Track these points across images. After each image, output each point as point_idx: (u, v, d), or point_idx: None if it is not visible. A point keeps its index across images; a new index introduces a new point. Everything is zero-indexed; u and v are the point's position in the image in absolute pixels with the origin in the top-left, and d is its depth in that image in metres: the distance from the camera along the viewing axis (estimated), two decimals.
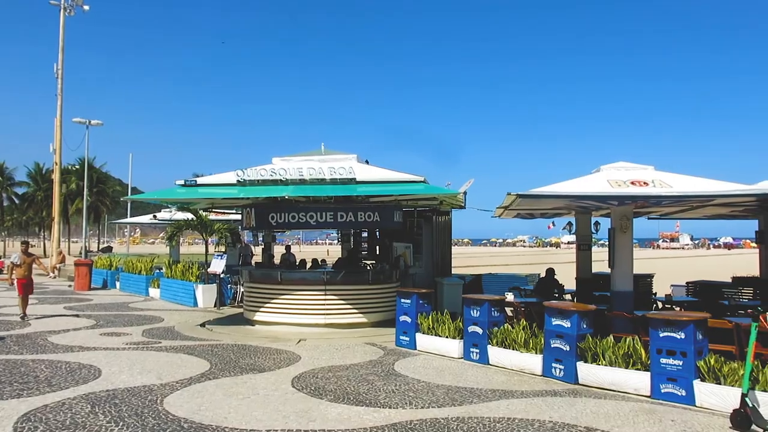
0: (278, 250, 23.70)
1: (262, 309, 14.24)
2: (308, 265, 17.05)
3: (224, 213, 23.29)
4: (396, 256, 15.93)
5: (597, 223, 14.18)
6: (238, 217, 19.51)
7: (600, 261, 14.31)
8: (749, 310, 7.28)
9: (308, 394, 8.23)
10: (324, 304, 13.78)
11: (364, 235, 19.11)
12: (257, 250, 24.48)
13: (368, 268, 15.86)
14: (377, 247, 18.40)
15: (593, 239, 15.69)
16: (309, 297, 13.82)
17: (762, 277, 14.34)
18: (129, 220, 41.50)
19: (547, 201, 10.96)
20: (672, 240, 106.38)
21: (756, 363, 7.44)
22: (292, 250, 20.76)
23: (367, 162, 14.99)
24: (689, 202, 10.82)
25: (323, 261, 19.36)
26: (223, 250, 21.95)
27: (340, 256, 19.01)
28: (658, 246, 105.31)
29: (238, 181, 13.28)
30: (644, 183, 9.58)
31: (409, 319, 11.85)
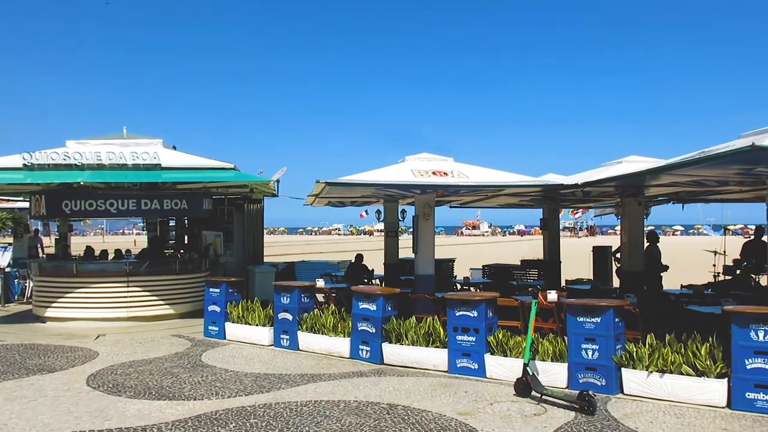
0: (80, 241, 22.05)
1: (54, 304, 13.18)
2: (110, 255, 16.06)
3: (9, 201, 21.14)
4: (205, 244, 15.53)
5: (404, 211, 14.87)
6: (26, 204, 17.83)
7: (406, 247, 15.01)
8: (530, 289, 8.06)
9: (105, 391, 7.79)
10: (126, 297, 13.08)
11: (172, 223, 18.40)
12: (51, 241, 22.53)
13: (176, 257, 15.30)
14: (186, 236, 17.80)
15: (402, 227, 16.42)
16: (109, 289, 13.04)
17: (546, 259, 15.93)
18: None
19: (355, 189, 11.29)
20: (474, 228, 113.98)
21: (536, 336, 8.29)
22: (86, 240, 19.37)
23: (174, 147, 14.43)
24: (484, 192, 11.70)
25: (128, 251, 18.32)
26: (9, 241, 19.95)
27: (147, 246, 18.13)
28: (462, 233, 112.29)
29: (24, 165, 12.14)
30: (444, 173, 10.21)
31: (218, 309, 11.64)
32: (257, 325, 11.01)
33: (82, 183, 12.31)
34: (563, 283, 14.74)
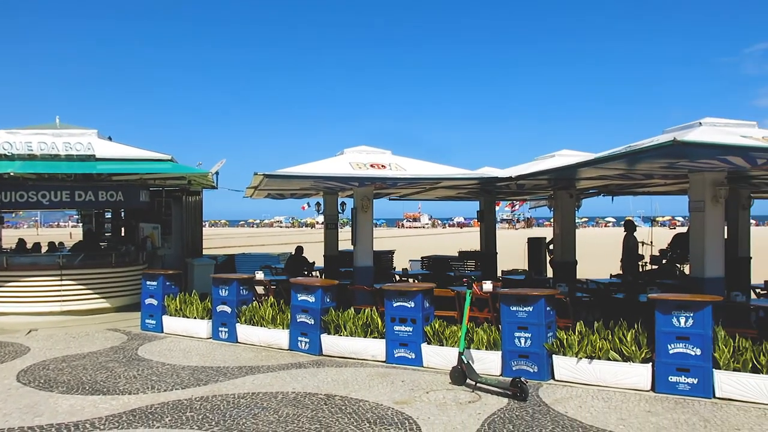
0: (12, 234, 21.25)
1: None
2: (44, 248, 15.62)
3: None
4: (143, 237, 15.25)
5: (343, 204, 14.92)
6: None
7: (346, 239, 15.07)
8: (464, 280, 8.26)
9: (36, 387, 7.62)
10: (60, 291, 12.74)
11: (108, 215, 17.97)
12: None
13: (112, 250, 14.98)
14: (122, 229, 17.42)
15: (343, 219, 16.46)
16: (42, 283, 12.67)
17: (482, 251, 16.27)
18: None
19: (294, 181, 11.29)
20: (415, 220, 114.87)
21: (471, 325, 8.51)
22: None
23: (110, 138, 14.10)
24: (421, 184, 11.87)
25: (61, 244, 17.81)
26: None
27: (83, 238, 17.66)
28: (403, 225, 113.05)
29: None
30: (382, 166, 10.31)
31: (155, 302, 11.48)
32: (195, 318, 10.92)
33: (12, 174, 11.91)
34: (499, 274, 15.11)
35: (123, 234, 17.13)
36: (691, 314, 7.20)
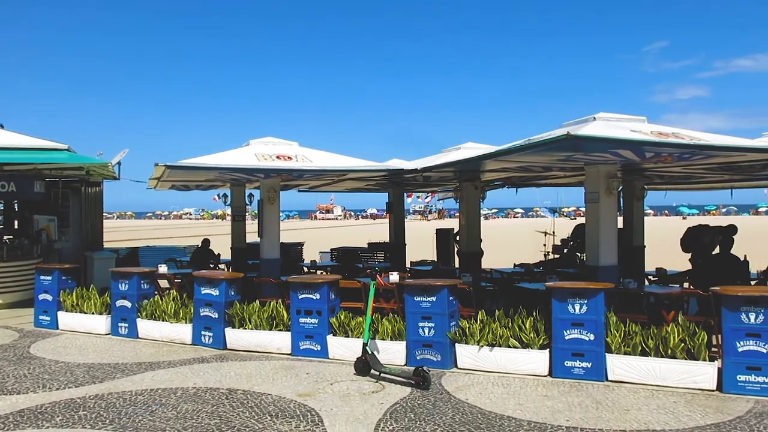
0: None
1: None
2: None
3: None
4: (37, 229, 14.49)
5: (251, 195, 14.68)
6: None
7: (254, 232, 14.83)
8: (368, 271, 8.29)
9: None
10: None
11: (0, 207, 16.95)
12: None
13: (4, 243, 14.15)
14: (15, 221, 16.46)
15: (255, 211, 16.14)
16: None
17: (391, 242, 16.40)
18: None
19: (198, 173, 11.01)
20: (328, 211, 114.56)
21: (377, 316, 8.56)
22: None
23: (1, 127, 13.32)
24: (329, 176, 11.83)
25: None
26: None
27: None
28: (316, 217, 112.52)
29: None
30: (288, 157, 10.19)
31: (50, 297, 10.95)
32: (93, 313, 10.48)
33: None
34: (408, 265, 15.28)
35: (16, 227, 16.21)
36: (585, 301, 7.51)
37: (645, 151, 8.28)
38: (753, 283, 10.82)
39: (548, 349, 7.69)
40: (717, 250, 11.23)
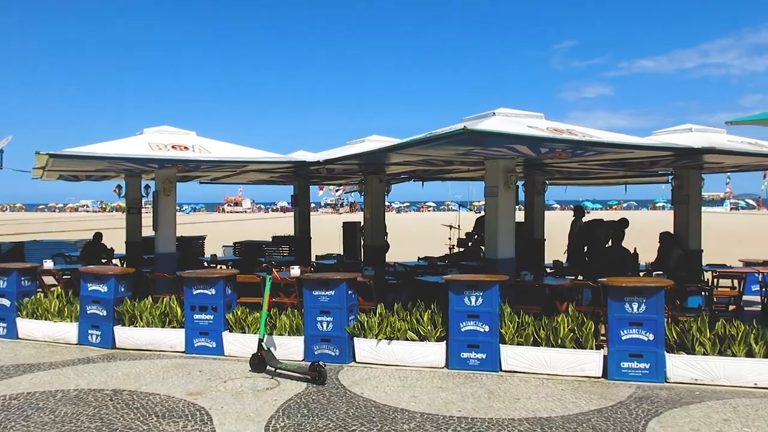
0: None
1: None
2: None
3: None
4: None
5: (147, 187, 14.04)
6: None
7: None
8: (263, 265, 8.09)
9: None
10: None
11: None
12: None
13: None
14: None
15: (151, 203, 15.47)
16: None
17: (296, 235, 16.17)
18: None
19: (87, 162, 10.41)
20: (236, 204, 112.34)
21: (275, 311, 8.39)
22: None
23: None
24: (229, 168, 11.49)
25: None
26: None
27: None
28: (224, 210, 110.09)
29: None
30: (185, 147, 9.79)
31: None
32: None
33: None
34: (314, 258, 15.12)
35: None
36: (481, 293, 7.62)
37: (540, 147, 8.48)
38: (642, 274, 11.32)
39: (445, 342, 7.76)
40: (610, 244, 11.72)
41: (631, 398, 6.45)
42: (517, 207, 10.32)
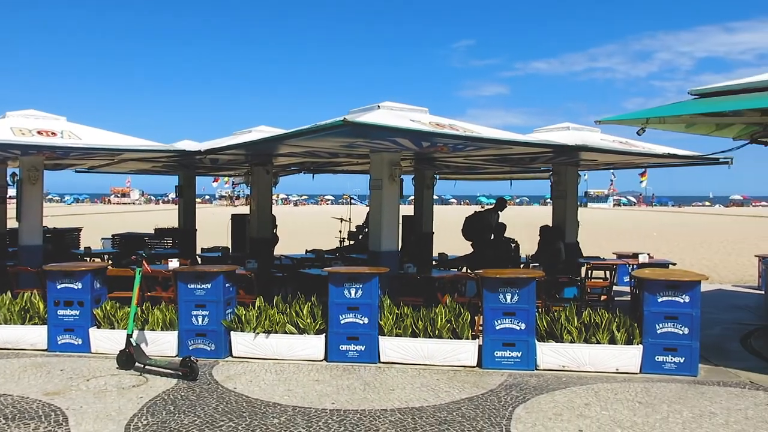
0: None
1: None
2: None
3: None
4: None
5: (14, 174, 13.11)
6: None
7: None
8: (132, 257, 7.71)
9: None
10: None
11: None
12: None
13: None
14: None
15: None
16: None
17: (181, 228, 15.60)
18: None
19: None
20: (124, 195, 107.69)
21: (147, 305, 8.02)
22: None
23: None
24: (101, 156, 10.91)
25: None
26: None
27: None
28: (110, 201, 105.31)
29: None
30: (53, 133, 9.19)
31: None
32: None
33: None
34: (199, 251, 14.65)
35: None
36: (360, 285, 7.60)
37: (421, 141, 8.55)
38: (522, 266, 11.70)
39: (325, 335, 7.68)
40: (492, 237, 12.05)
41: (502, 386, 6.62)
42: (408, 200, 10.40)
